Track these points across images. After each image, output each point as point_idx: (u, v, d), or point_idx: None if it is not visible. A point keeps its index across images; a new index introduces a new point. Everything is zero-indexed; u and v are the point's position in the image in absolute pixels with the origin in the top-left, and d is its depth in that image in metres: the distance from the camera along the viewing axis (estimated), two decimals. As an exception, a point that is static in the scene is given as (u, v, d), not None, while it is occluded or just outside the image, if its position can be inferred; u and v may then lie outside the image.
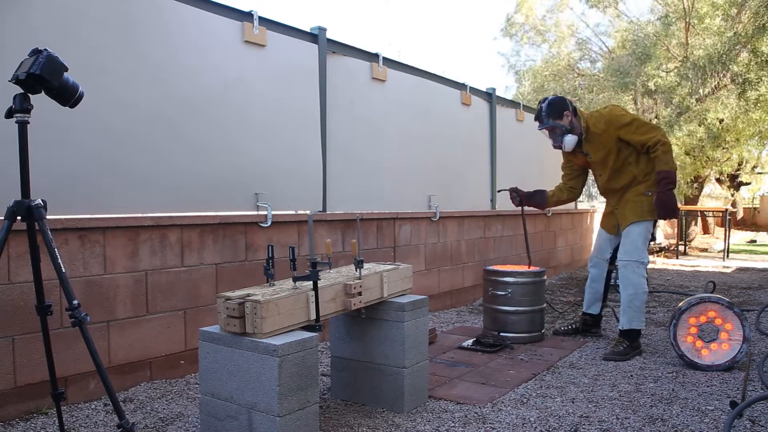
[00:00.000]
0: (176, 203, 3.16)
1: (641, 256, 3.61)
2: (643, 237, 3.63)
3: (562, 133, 3.72)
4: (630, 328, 3.58)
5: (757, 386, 2.94)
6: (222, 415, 2.15)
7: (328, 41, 4.06)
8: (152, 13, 3.05)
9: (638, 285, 3.58)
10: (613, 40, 11.85)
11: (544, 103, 3.76)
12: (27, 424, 2.45)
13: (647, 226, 3.66)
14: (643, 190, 3.67)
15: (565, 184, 4.13)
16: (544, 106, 3.74)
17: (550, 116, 3.72)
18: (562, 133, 3.72)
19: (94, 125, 2.82)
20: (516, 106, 6.64)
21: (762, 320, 4.53)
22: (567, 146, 3.73)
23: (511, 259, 6.24)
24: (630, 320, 3.59)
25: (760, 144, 12.70)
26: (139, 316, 2.96)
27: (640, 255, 3.61)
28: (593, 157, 3.77)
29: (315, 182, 3.96)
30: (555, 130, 3.73)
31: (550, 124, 3.71)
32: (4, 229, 1.81)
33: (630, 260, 3.60)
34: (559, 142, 3.75)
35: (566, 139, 3.71)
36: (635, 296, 3.58)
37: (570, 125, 3.72)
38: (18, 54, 1.96)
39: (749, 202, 23.09)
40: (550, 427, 2.44)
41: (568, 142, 3.71)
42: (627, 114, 3.69)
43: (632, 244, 3.62)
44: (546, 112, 3.72)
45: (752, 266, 8.60)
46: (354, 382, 2.75)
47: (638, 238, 3.63)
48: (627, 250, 3.64)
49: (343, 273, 2.66)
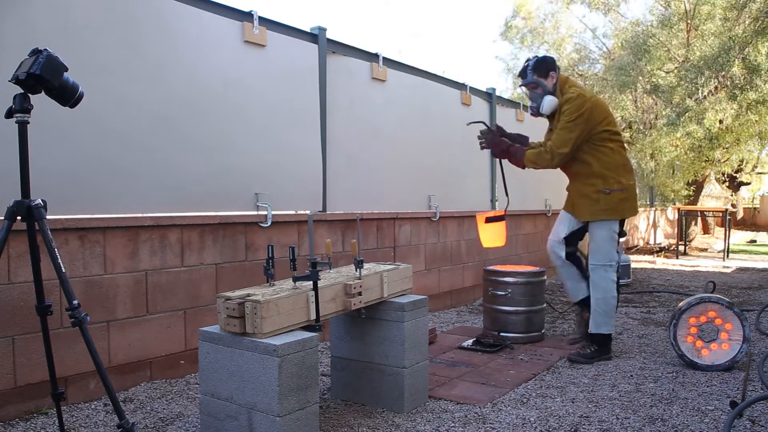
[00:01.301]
0: (176, 203, 3.16)
1: (609, 259, 3.46)
2: (608, 239, 3.46)
3: (543, 93, 3.44)
4: (598, 332, 3.46)
5: (757, 386, 2.94)
6: (222, 415, 2.15)
7: (328, 41, 4.06)
8: (152, 13, 3.05)
9: (607, 289, 3.45)
10: (613, 40, 11.85)
11: (532, 59, 3.49)
12: (27, 424, 2.45)
13: (610, 226, 3.46)
14: (602, 187, 3.43)
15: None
16: (532, 61, 3.47)
17: (535, 72, 3.44)
18: (544, 93, 3.44)
19: (94, 125, 2.82)
20: (516, 106, 6.64)
21: (762, 320, 4.53)
22: (546, 108, 3.43)
23: (511, 259, 6.24)
24: (598, 324, 3.46)
25: (760, 144, 12.71)
26: (139, 316, 2.96)
27: (607, 257, 3.45)
28: (552, 135, 3.53)
29: (315, 182, 3.96)
30: (537, 88, 3.45)
31: (534, 80, 3.44)
32: (4, 229, 1.81)
33: (598, 264, 3.46)
34: (538, 103, 3.46)
35: (546, 99, 3.42)
36: (604, 301, 3.45)
37: (553, 88, 3.44)
38: (18, 54, 1.96)
39: (749, 202, 23.10)
40: (550, 427, 2.44)
41: (548, 103, 3.41)
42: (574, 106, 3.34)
43: (597, 248, 3.46)
44: (532, 66, 3.44)
45: (752, 266, 8.60)
46: (354, 382, 2.75)
47: (603, 242, 3.46)
48: (594, 254, 3.49)
49: (343, 273, 2.66)
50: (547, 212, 7.05)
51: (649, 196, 11.54)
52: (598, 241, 3.47)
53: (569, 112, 3.34)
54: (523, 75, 3.50)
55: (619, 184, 3.45)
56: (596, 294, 3.47)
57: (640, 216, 11.09)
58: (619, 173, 3.46)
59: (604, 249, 3.46)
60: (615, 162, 3.45)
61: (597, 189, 3.45)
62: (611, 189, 3.43)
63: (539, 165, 3.45)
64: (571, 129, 3.34)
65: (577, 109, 3.33)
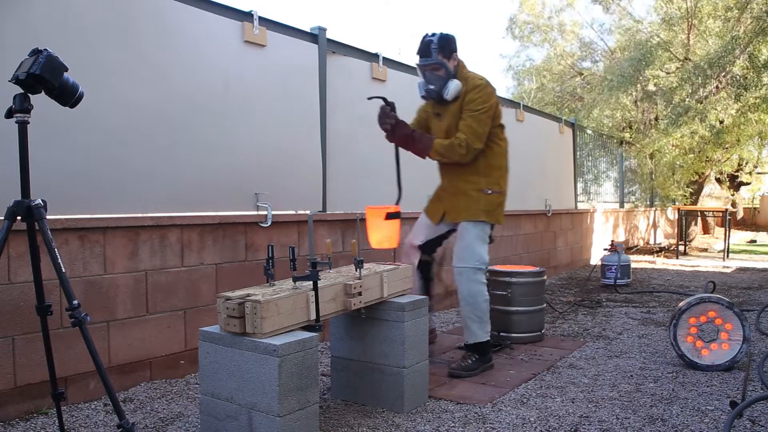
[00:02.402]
0: (176, 203, 3.16)
1: (479, 260, 3.14)
2: (481, 239, 3.18)
3: (446, 76, 3.09)
4: (475, 341, 3.19)
5: (757, 386, 2.94)
6: (222, 415, 2.15)
7: (328, 41, 4.06)
8: (152, 12, 3.05)
9: (477, 293, 3.13)
10: (615, 38, 11.85)
11: (434, 35, 3.08)
12: (27, 424, 2.45)
13: (483, 228, 3.20)
14: (484, 186, 3.17)
15: None
16: (436, 38, 3.06)
17: (440, 52, 3.06)
18: (447, 76, 3.09)
19: (95, 125, 2.82)
20: (516, 106, 6.64)
21: (762, 320, 4.53)
22: (451, 94, 3.07)
23: (512, 259, 6.23)
24: (474, 334, 3.18)
25: (760, 144, 12.70)
26: (139, 316, 2.96)
27: (477, 259, 3.13)
28: (441, 122, 3.20)
29: (315, 182, 3.96)
30: (439, 69, 3.08)
31: (437, 61, 3.05)
32: (4, 229, 1.81)
33: (466, 266, 3.12)
34: (438, 86, 3.09)
35: (453, 84, 3.07)
36: (475, 307, 3.14)
37: (454, 71, 3.11)
38: (18, 54, 1.96)
39: (749, 202, 23.09)
40: (550, 427, 2.44)
41: (454, 88, 3.07)
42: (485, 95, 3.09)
43: (467, 248, 3.14)
44: (438, 45, 3.05)
45: (752, 266, 8.59)
46: (354, 382, 2.75)
47: (474, 241, 3.15)
48: (462, 256, 3.14)
49: (343, 273, 2.66)
50: (547, 212, 7.05)
51: (649, 196, 11.54)
52: (469, 240, 3.15)
53: (480, 102, 3.05)
54: (425, 53, 3.08)
55: (499, 187, 3.24)
56: (467, 300, 3.14)
57: (640, 216, 11.09)
58: (501, 175, 3.25)
59: (475, 250, 3.14)
60: (500, 162, 3.24)
61: (478, 188, 3.18)
62: (493, 190, 3.20)
63: (447, 158, 3.11)
64: (483, 122, 3.07)
65: (488, 99, 3.08)
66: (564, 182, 7.90)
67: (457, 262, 3.16)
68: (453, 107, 3.13)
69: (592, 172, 9.47)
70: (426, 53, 3.07)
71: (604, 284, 6.42)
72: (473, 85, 3.11)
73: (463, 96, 3.11)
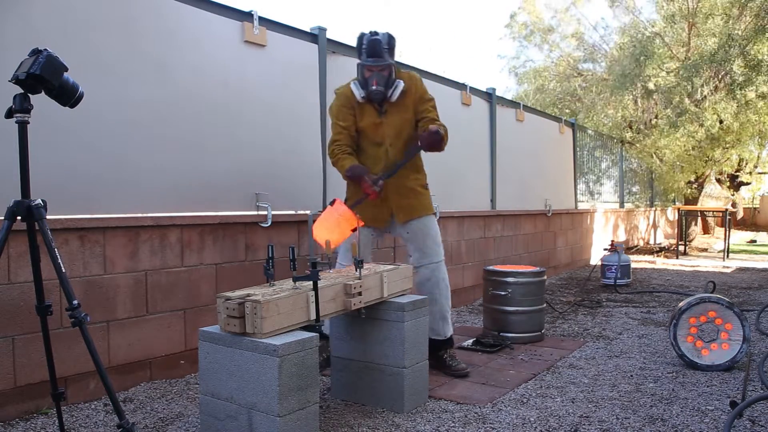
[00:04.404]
0: (176, 203, 3.16)
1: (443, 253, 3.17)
2: (438, 234, 3.19)
3: (390, 77, 3.00)
4: (450, 335, 3.21)
5: (757, 386, 2.94)
6: (222, 415, 2.15)
7: (328, 41, 4.06)
8: (152, 12, 3.05)
9: (448, 286, 3.16)
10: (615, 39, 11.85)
11: (381, 35, 2.97)
12: (27, 424, 2.45)
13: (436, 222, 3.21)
14: (424, 182, 3.19)
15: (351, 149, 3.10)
16: (385, 39, 2.96)
17: (389, 53, 2.98)
18: (391, 77, 3.01)
19: (94, 125, 2.82)
20: (516, 106, 6.64)
21: (762, 320, 4.53)
22: (397, 94, 3.01)
23: (512, 259, 6.24)
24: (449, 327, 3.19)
25: (760, 144, 12.69)
26: (139, 316, 2.96)
27: (443, 251, 3.17)
28: (389, 119, 3.07)
29: (315, 182, 3.96)
30: (386, 71, 2.98)
31: (389, 63, 2.97)
32: (4, 229, 1.81)
33: (441, 260, 3.14)
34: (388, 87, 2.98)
35: (399, 84, 3.01)
36: (449, 299, 3.17)
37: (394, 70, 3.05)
38: (18, 54, 1.96)
39: (749, 202, 23.09)
40: (550, 427, 2.44)
41: (401, 89, 3.01)
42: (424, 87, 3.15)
43: (435, 242, 3.14)
44: (387, 46, 2.96)
45: (752, 266, 8.59)
46: (354, 382, 2.75)
47: (437, 234, 3.16)
48: (435, 250, 3.13)
49: (343, 273, 2.66)
50: (547, 212, 7.05)
51: (649, 196, 11.54)
52: (434, 233, 3.14)
53: (429, 94, 3.10)
54: (375, 54, 2.95)
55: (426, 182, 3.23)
56: (444, 294, 3.13)
57: (640, 216, 11.09)
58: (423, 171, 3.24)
59: (440, 242, 3.16)
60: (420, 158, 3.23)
61: (421, 184, 3.19)
62: (426, 185, 3.22)
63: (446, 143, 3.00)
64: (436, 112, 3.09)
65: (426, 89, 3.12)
66: (564, 182, 7.90)
67: (434, 257, 3.12)
68: (404, 103, 3.07)
69: (593, 172, 9.47)
70: (376, 53, 2.95)
71: (604, 284, 6.42)
72: (417, 79, 3.13)
73: (413, 90, 3.08)
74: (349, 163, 2.99)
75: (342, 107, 3.09)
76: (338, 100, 3.13)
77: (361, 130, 3.11)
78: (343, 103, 3.10)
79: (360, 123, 3.10)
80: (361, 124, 3.10)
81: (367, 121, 3.08)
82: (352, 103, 3.08)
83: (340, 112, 3.10)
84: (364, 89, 3.01)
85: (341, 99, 3.11)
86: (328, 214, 2.64)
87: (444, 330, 3.18)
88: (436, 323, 3.13)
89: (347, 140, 3.09)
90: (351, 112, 3.09)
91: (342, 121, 3.09)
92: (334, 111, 3.15)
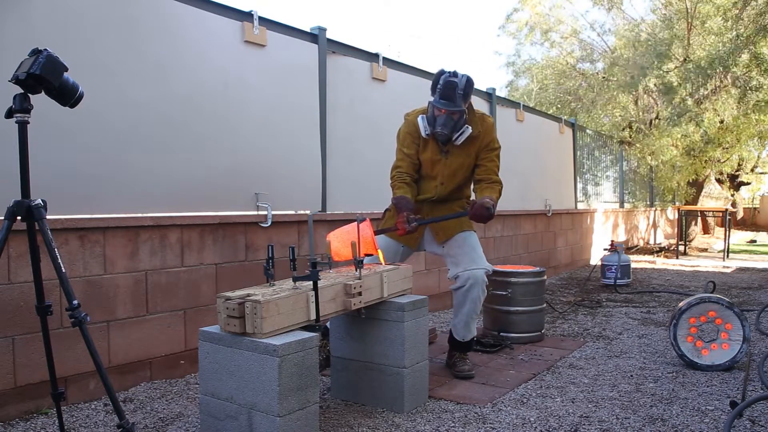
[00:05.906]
0: (176, 203, 3.16)
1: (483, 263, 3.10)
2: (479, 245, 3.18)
3: (461, 121, 2.98)
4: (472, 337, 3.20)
5: (757, 386, 2.94)
6: (222, 415, 2.15)
7: (328, 41, 4.06)
8: (152, 12, 3.05)
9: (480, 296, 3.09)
10: (613, 40, 11.84)
11: (462, 78, 2.92)
12: (27, 424, 2.45)
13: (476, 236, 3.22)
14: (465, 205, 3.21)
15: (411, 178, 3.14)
16: (462, 84, 2.90)
17: (464, 99, 2.94)
18: (462, 121, 2.99)
19: (95, 125, 2.82)
20: (516, 106, 6.64)
21: (762, 320, 4.53)
22: (463, 139, 3.01)
23: (511, 259, 6.24)
24: (471, 331, 3.17)
25: (760, 144, 12.70)
26: (139, 316, 2.96)
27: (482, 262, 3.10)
28: (449, 161, 3.09)
29: (315, 182, 3.96)
30: (458, 116, 2.96)
31: (461, 109, 2.94)
32: (4, 229, 1.81)
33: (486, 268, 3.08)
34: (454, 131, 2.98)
35: (467, 131, 3.00)
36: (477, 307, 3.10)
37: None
38: (18, 54, 1.96)
39: (749, 202, 23.10)
40: (550, 427, 2.44)
41: (467, 135, 3.01)
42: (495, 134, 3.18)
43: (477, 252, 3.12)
44: (463, 92, 2.91)
45: (752, 266, 8.59)
46: (354, 382, 2.75)
47: (478, 246, 3.16)
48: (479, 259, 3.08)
49: (343, 273, 2.66)
50: (547, 212, 7.05)
51: (649, 196, 11.54)
52: (475, 244, 3.16)
53: (496, 141, 3.13)
54: (448, 98, 2.90)
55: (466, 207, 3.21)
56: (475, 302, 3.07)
57: (640, 216, 11.09)
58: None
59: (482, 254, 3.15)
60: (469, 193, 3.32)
61: (462, 205, 3.22)
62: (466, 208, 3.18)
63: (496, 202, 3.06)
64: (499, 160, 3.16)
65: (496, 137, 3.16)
66: (564, 182, 7.90)
67: (481, 263, 3.08)
68: (468, 147, 3.08)
69: (592, 172, 9.47)
70: (450, 98, 2.90)
71: (604, 284, 6.42)
72: (489, 125, 3.13)
73: (480, 138, 3.08)
74: (400, 193, 3.05)
75: (408, 135, 3.13)
76: (406, 127, 3.15)
77: (421, 160, 3.15)
78: (410, 131, 3.12)
79: (421, 154, 3.13)
80: (421, 155, 3.13)
81: (428, 155, 3.10)
82: (417, 133, 3.08)
83: (406, 140, 3.14)
84: (431, 126, 3.01)
85: (409, 126, 3.13)
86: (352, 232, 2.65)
87: (463, 334, 3.16)
88: (457, 325, 3.14)
89: (408, 168, 3.14)
90: (416, 142, 3.11)
91: (406, 148, 3.13)
92: (400, 136, 3.18)
